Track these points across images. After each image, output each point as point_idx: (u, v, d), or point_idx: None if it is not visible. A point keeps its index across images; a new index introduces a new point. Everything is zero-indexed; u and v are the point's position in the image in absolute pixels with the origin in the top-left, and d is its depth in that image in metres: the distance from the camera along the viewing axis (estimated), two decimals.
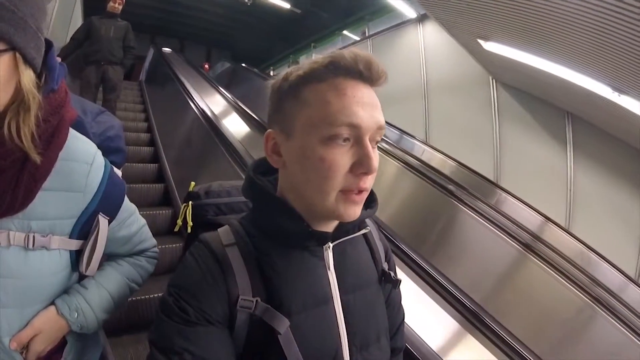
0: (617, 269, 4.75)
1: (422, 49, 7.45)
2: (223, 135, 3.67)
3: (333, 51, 0.63)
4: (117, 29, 4.48)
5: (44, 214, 0.77)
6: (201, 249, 0.68)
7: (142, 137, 5.09)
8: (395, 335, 0.86)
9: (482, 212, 3.81)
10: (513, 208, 5.20)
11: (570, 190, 6.04)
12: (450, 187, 4.05)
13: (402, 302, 0.90)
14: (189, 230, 0.81)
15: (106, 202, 0.84)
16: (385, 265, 0.82)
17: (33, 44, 0.69)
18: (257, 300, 0.63)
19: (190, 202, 0.81)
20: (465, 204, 3.86)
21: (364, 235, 0.81)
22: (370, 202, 0.75)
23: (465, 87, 6.90)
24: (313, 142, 0.62)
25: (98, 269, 0.91)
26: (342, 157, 0.61)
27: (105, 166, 0.84)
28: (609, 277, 4.42)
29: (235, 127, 4.17)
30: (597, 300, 3.14)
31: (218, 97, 5.27)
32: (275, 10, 10.86)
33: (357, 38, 9.96)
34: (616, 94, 4.41)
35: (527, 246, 3.52)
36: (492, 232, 3.66)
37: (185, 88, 5.08)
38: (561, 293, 3.28)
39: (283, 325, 0.62)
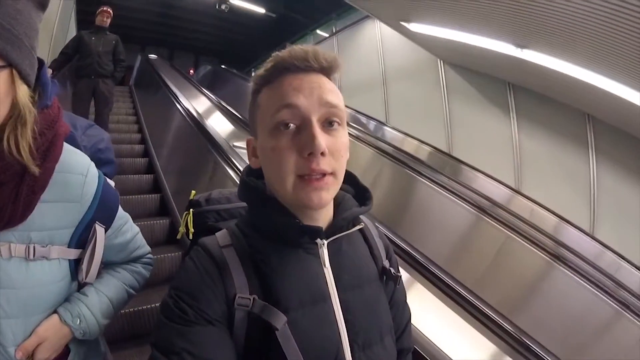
0: (571, 224, 4.70)
1: (380, 40, 7.58)
2: (205, 130, 3.59)
3: (275, 54, 0.63)
4: (106, 42, 4.31)
5: (42, 225, 0.75)
6: (199, 251, 0.65)
7: (136, 148, 4.81)
8: (402, 335, 0.79)
9: (440, 182, 3.81)
10: (467, 176, 5.26)
11: (517, 154, 6.08)
12: (410, 162, 4.04)
13: None
14: (191, 236, 0.78)
15: (102, 211, 0.82)
16: (387, 263, 0.76)
17: (28, 61, 0.68)
18: (254, 298, 0.60)
19: (191, 210, 0.79)
20: (424, 175, 3.86)
21: (362, 232, 0.77)
22: (365, 199, 0.72)
23: (417, 71, 7.01)
24: (265, 135, 0.62)
25: (96, 277, 0.89)
26: (287, 142, 0.59)
27: (99, 177, 0.83)
28: (564, 233, 4.48)
29: (217, 122, 4.09)
30: (556, 256, 3.10)
31: (200, 95, 5.26)
32: (253, 16, 10.98)
33: (327, 35, 10.03)
34: (552, 58, 4.39)
35: (481, 209, 3.52)
36: (449, 200, 3.68)
37: (169, 88, 5.11)
38: (517, 249, 3.25)
39: (280, 321, 0.58)
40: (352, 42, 8.62)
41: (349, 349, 0.63)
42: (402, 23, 5.61)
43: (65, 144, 0.79)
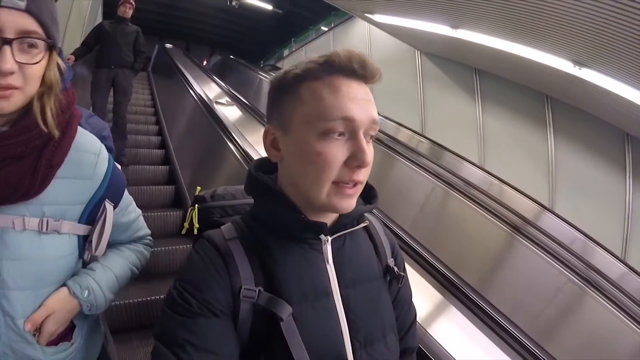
0: (530, 199, 4.58)
1: (368, 34, 7.72)
2: (214, 113, 3.49)
3: (330, 51, 0.57)
4: (127, 33, 3.99)
5: (56, 199, 0.72)
6: (204, 244, 0.60)
7: (152, 140, 4.45)
8: (407, 334, 0.72)
9: (412, 159, 3.85)
10: (435, 153, 5.28)
11: (481, 133, 6.20)
12: (388, 142, 4.05)
13: None
14: (196, 232, 0.74)
15: (111, 189, 0.80)
16: (392, 261, 0.70)
17: (60, 43, 0.68)
18: (259, 290, 0.56)
19: (196, 205, 0.76)
20: (400, 154, 3.90)
21: (367, 229, 0.71)
22: (370, 197, 0.68)
23: (399, 61, 7.08)
24: (310, 137, 0.55)
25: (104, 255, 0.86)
26: (337, 151, 0.55)
27: (109, 158, 0.81)
28: (524, 206, 4.40)
29: (225, 106, 3.97)
30: (515, 228, 3.04)
31: (210, 82, 5.24)
32: (261, 12, 11.12)
33: (326, 29, 10.14)
34: (517, 45, 4.47)
35: (448, 183, 3.52)
36: (420, 175, 3.71)
37: (183, 74, 5.08)
38: (481, 222, 3.23)
39: (285, 312, 0.54)
40: (346, 36, 8.84)
41: (350, 345, 0.59)
42: (367, 15, 5.67)
43: (78, 126, 0.77)
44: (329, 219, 0.63)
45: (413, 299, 0.78)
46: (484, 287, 1.97)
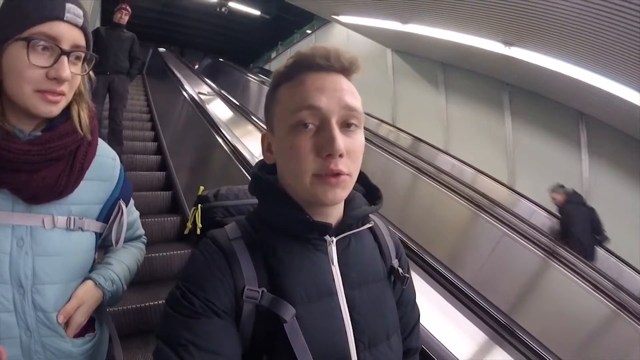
0: (491, 177, 4.96)
1: (347, 36, 7.88)
2: (205, 112, 3.49)
3: (297, 51, 0.56)
4: (123, 39, 3.85)
5: (81, 199, 0.74)
6: (208, 243, 0.57)
7: (149, 146, 4.25)
8: (410, 335, 0.68)
9: (382, 147, 3.96)
10: (406, 142, 5.63)
11: (445, 120, 6.47)
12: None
13: None
14: (198, 232, 0.71)
15: (124, 190, 0.84)
16: (396, 263, 0.66)
17: None
18: (263, 291, 0.53)
19: (199, 205, 0.72)
20: (372, 142, 3.96)
21: (372, 230, 0.67)
22: (375, 199, 0.64)
23: (374, 59, 7.26)
24: (284, 133, 0.54)
25: (110, 252, 0.86)
26: (306, 142, 0.52)
27: (121, 163, 0.84)
28: (486, 185, 4.71)
29: (215, 106, 4.03)
30: (478, 206, 3.17)
31: (201, 83, 5.32)
32: (250, 17, 11.14)
33: (310, 32, 10.27)
34: (482, 39, 4.58)
35: (418, 169, 3.69)
36: (390, 161, 3.83)
37: (174, 74, 5.16)
38: (444, 200, 3.40)
39: (289, 313, 0.51)
40: (327, 37, 9.00)
41: (354, 346, 0.55)
42: (334, 16, 5.79)
43: None
44: (333, 219, 0.59)
45: None
46: (437, 252, 2.09)
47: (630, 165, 4.62)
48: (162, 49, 7.89)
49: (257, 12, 10.69)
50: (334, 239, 0.59)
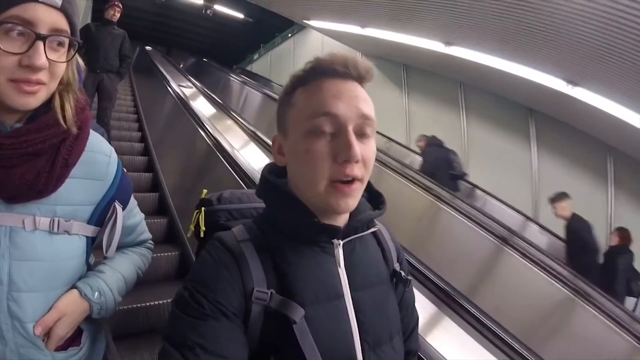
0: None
1: (322, 40, 8.09)
2: (188, 105, 3.44)
3: (315, 57, 0.55)
4: (114, 37, 3.63)
5: (68, 199, 0.64)
6: (216, 245, 0.55)
7: (135, 146, 4.02)
8: (410, 337, 0.67)
9: None
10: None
11: (407, 119, 6.86)
12: None
13: None
14: (202, 235, 0.69)
15: (121, 191, 0.74)
16: (397, 266, 0.66)
17: None
18: (272, 292, 0.52)
19: (203, 208, 0.70)
20: None
21: (375, 234, 0.66)
22: (379, 203, 0.63)
23: None
24: (299, 137, 0.53)
25: (107, 258, 0.73)
26: (323, 147, 0.51)
27: (118, 160, 0.75)
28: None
29: (198, 101, 4.02)
30: (439, 198, 3.29)
31: (184, 80, 5.27)
32: (234, 20, 11.21)
33: (290, 35, 10.30)
34: (443, 45, 4.79)
35: (394, 169, 3.80)
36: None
37: (160, 71, 5.13)
38: (408, 193, 3.49)
39: (298, 314, 0.50)
40: (305, 41, 9.09)
41: (359, 347, 0.54)
42: (305, 21, 5.80)
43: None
44: (340, 223, 0.57)
45: None
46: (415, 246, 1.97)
47: None
48: (148, 47, 7.81)
49: (240, 15, 10.68)
50: (341, 242, 0.58)
